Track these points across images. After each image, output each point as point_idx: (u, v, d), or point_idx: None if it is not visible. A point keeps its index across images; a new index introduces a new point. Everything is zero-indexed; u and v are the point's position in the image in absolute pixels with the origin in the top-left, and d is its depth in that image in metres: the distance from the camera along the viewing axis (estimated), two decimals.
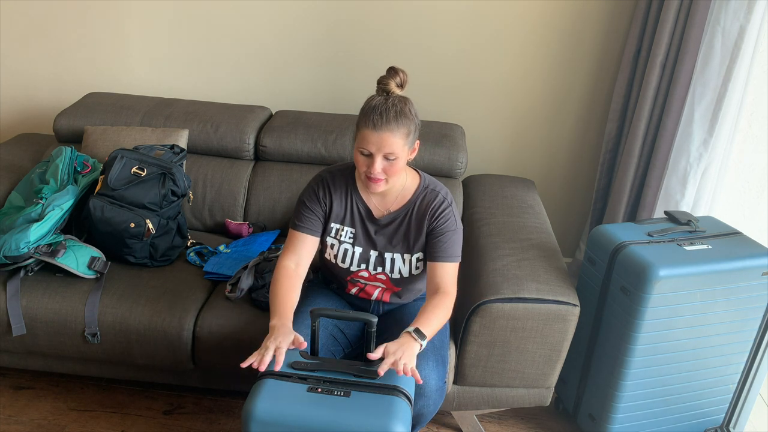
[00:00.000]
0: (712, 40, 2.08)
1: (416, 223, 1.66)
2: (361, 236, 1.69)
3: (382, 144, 1.51)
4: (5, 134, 2.89)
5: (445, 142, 2.34)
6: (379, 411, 1.37)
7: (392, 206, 1.68)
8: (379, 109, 1.51)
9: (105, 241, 2.01)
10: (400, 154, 1.54)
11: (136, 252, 2.02)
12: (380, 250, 1.69)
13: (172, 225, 2.10)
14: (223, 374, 2.02)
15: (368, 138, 1.52)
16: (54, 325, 1.89)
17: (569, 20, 2.47)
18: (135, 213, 1.98)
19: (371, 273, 1.71)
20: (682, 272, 1.72)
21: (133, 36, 2.65)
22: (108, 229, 1.97)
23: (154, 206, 2.03)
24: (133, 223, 1.97)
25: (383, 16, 2.52)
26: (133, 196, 2.00)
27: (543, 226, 2.12)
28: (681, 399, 1.94)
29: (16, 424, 2.01)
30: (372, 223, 1.68)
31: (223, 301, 1.96)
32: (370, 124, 1.51)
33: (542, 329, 1.77)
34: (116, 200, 1.98)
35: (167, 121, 2.38)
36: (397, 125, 1.51)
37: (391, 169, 1.55)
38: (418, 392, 1.55)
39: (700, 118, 2.15)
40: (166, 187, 2.05)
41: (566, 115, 2.64)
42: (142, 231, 1.98)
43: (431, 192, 1.67)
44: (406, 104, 1.54)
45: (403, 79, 1.56)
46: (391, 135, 1.50)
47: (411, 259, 1.69)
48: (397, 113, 1.51)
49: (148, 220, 1.99)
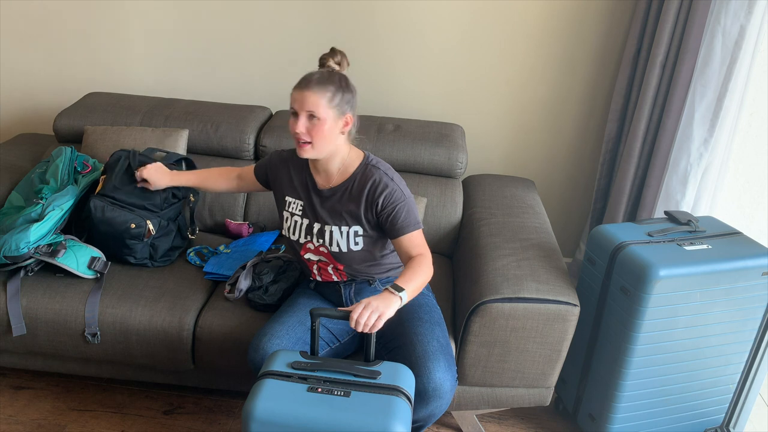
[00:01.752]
0: (712, 40, 2.08)
1: (355, 197, 1.70)
2: (307, 208, 1.75)
3: (303, 102, 1.60)
4: (5, 134, 2.89)
5: (445, 142, 2.35)
6: (378, 411, 1.37)
7: (334, 181, 1.73)
8: (309, 74, 1.63)
9: (105, 242, 2.01)
10: (324, 116, 1.60)
11: (137, 253, 2.02)
12: (321, 223, 1.73)
13: (172, 226, 2.10)
14: (223, 374, 2.02)
15: (294, 97, 1.62)
16: (54, 325, 1.89)
17: (569, 20, 2.47)
18: (135, 214, 1.98)
19: (315, 245, 1.75)
20: (682, 272, 1.72)
21: (134, 36, 2.65)
22: (108, 229, 1.97)
23: (154, 207, 2.04)
24: (133, 224, 1.97)
25: (383, 16, 2.52)
26: (134, 197, 2.00)
27: (543, 226, 2.12)
28: (681, 399, 1.94)
29: (16, 424, 2.01)
30: (316, 195, 1.74)
31: (223, 301, 1.96)
32: (297, 86, 1.62)
33: (542, 329, 1.77)
34: (117, 201, 1.99)
35: (167, 121, 2.38)
36: (319, 86, 1.60)
37: (314, 131, 1.61)
38: (433, 395, 1.56)
39: (700, 118, 2.15)
40: (167, 189, 2.05)
41: (566, 115, 2.64)
42: (143, 232, 1.98)
43: (371, 168, 1.71)
44: (337, 75, 1.65)
45: (341, 60, 1.69)
46: (312, 94, 1.59)
47: (348, 231, 1.71)
48: (322, 76, 1.62)
49: (149, 221, 1.99)
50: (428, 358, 1.58)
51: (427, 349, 1.61)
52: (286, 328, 1.68)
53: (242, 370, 1.82)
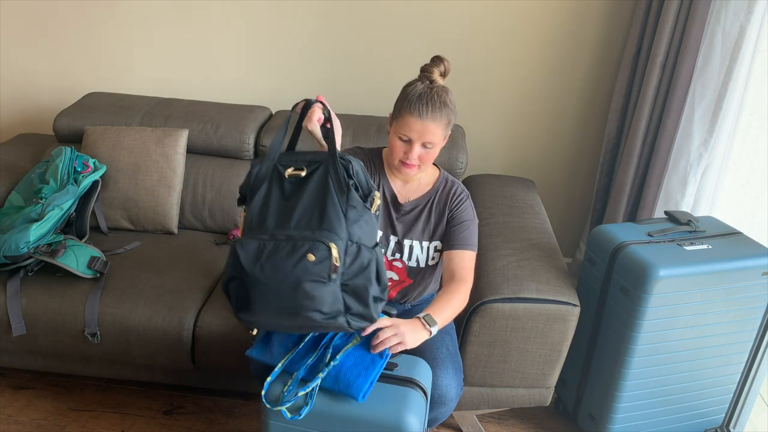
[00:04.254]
0: (712, 40, 2.08)
1: (437, 212, 1.68)
2: (383, 220, 1.69)
3: (424, 132, 1.53)
4: (5, 134, 2.89)
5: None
6: (393, 401, 1.38)
7: (413, 194, 1.70)
8: (425, 98, 1.52)
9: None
10: (438, 143, 1.57)
11: (323, 305, 1.29)
12: (399, 237, 1.69)
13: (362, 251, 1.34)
14: (223, 374, 2.02)
15: (411, 125, 1.52)
16: (54, 325, 1.89)
17: (569, 21, 2.47)
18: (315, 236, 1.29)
19: (388, 259, 1.71)
20: (682, 272, 1.72)
21: (133, 36, 2.65)
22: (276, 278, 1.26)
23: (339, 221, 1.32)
24: (311, 255, 1.25)
25: (383, 16, 2.52)
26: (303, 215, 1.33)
27: (543, 226, 2.12)
28: (681, 399, 1.94)
29: (16, 424, 2.01)
30: (395, 208, 1.69)
31: (223, 301, 1.95)
32: (415, 112, 1.51)
33: (542, 329, 1.77)
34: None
35: (167, 121, 2.38)
36: (440, 115, 1.53)
37: (426, 157, 1.58)
38: (439, 401, 1.56)
39: (700, 118, 2.15)
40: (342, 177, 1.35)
41: (566, 115, 2.64)
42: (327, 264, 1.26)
43: (450, 182, 1.71)
44: (448, 94, 1.57)
45: (447, 68, 1.59)
46: (434, 124, 1.52)
47: (429, 246, 1.70)
48: (442, 103, 1.53)
49: (332, 244, 1.27)
50: (436, 364, 1.58)
51: (435, 356, 1.61)
52: None
53: (242, 370, 1.82)
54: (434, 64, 1.57)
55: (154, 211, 2.26)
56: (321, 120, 1.46)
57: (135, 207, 2.26)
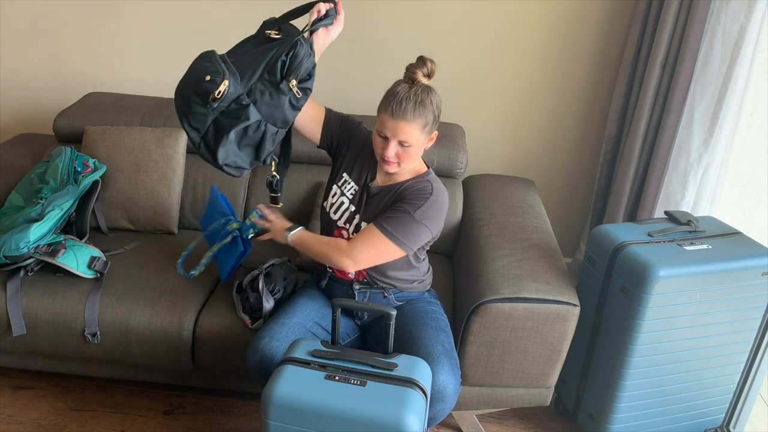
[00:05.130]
0: (712, 40, 2.08)
1: (393, 200, 1.69)
2: (358, 198, 1.74)
3: (397, 131, 1.57)
4: (5, 134, 2.89)
5: (445, 142, 2.34)
6: (393, 401, 1.39)
7: (387, 182, 1.72)
8: (400, 96, 1.57)
9: (180, 94, 1.53)
10: (415, 143, 1.59)
11: (195, 120, 1.48)
12: (362, 217, 1.72)
13: (263, 127, 1.51)
14: (222, 374, 2.02)
15: (385, 123, 1.59)
16: (54, 325, 1.89)
17: (569, 20, 2.47)
18: (223, 68, 1.47)
19: (348, 237, 1.74)
20: (682, 272, 1.72)
21: (133, 36, 2.65)
22: (186, 77, 1.52)
23: (253, 71, 1.50)
24: (209, 76, 1.45)
25: (383, 16, 2.52)
26: (243, 58, 1.54)
27: (543, 226, 2.12)
28: (681, 399, 1.94)
29: (16, 424, 2.01)
30: (366, 189, 1.73)
31: (223, 301, 1.96)
32: (389, 110, 1.57)
33: (542, 329, 1.77)
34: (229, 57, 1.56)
35: (167, 121, 2.38)
36: (414, 116, 1.56)
37: (404, 155, 1.61)
38: (436, 397, 1.57)
39: (700, 118, 2.15)
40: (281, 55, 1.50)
41: (566, 115, 2.64)
42: (212, 88, 1.44)
43: (426, 182, 1.69)
44: (429, 95, 1.58)
45: (431, 69, 1.61)
46: (406, 124, 1.56)
47: None
48: (416, 104, 1.56)
49: (227, 80, 1.45)
50: (432, 360, 1.58)
51: (431, 352, 1.61)
52: (285, 330, 1.67)
53: (242, 370, 1.82)
54: (417, 65, 1.61)
55: (154, 211, 2.26)
56: (321, 13, 1.62)
57: (135, 207, 2.26)
